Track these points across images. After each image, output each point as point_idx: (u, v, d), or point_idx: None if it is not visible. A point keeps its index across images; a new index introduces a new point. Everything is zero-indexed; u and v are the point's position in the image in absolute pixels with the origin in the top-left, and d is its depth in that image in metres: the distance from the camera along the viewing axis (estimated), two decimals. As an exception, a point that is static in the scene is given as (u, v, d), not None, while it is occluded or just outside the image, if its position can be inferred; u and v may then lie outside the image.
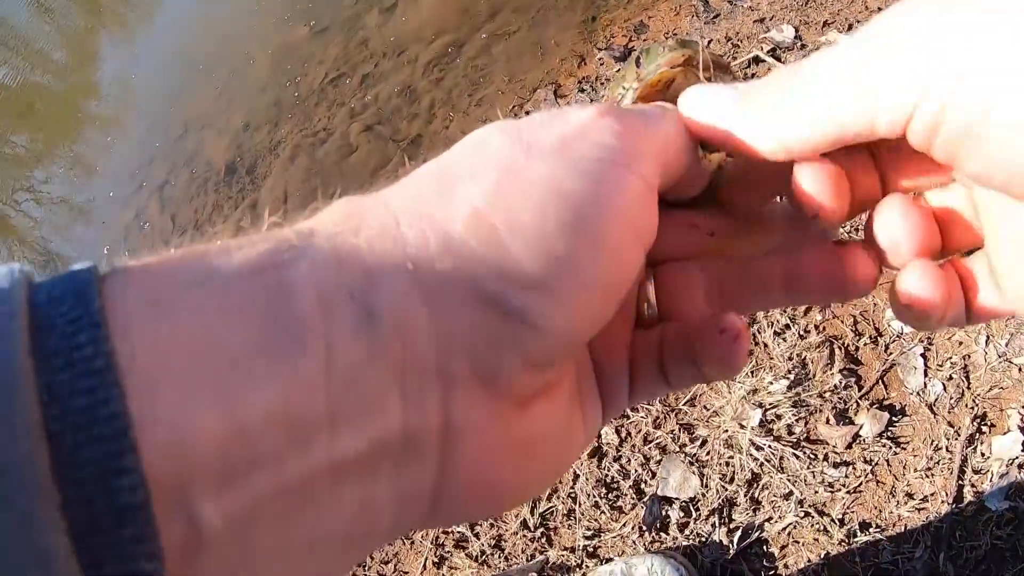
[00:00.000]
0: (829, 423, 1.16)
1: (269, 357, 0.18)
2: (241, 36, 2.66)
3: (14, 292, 0.18)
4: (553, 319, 0.21)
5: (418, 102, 2.09)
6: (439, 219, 0.21)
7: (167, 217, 2.29)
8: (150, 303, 0.18)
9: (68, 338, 0.17)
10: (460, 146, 0.24)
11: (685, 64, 0.31)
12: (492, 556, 1.24)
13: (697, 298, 0.28)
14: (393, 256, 0.21)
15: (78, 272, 0.19)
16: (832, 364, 1.21)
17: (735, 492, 1.16)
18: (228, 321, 0.19)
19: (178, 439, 0.17)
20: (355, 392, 0.20)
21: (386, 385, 0.20)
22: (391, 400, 0.20)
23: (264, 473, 0.18)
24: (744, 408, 1.21)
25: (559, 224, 0.21)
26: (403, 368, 0.20)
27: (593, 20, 1.92)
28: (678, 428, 1.24)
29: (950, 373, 1.14)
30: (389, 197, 0.23)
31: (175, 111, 2.62)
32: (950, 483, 1.06)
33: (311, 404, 0.19)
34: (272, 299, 0.19)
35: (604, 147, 0.22)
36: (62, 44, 3.50)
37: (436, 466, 0.22)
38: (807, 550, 1.08)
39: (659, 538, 1.17)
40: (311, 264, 0.20)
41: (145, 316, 0.18)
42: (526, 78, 1.95)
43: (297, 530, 0.20)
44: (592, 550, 1.20)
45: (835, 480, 1.12)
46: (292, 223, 0.23)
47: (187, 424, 0.17)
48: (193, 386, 0.18)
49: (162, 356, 0.18)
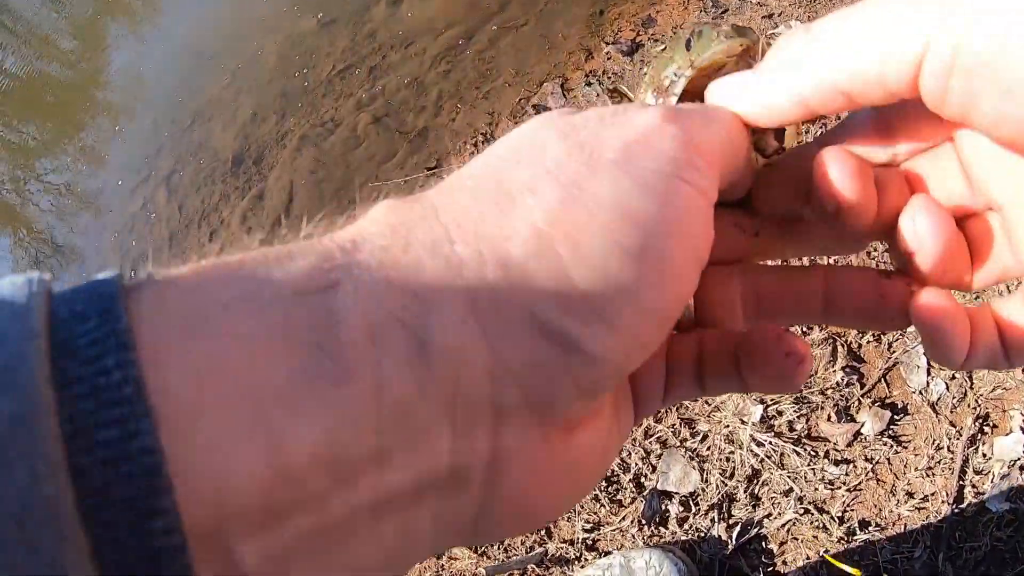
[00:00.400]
0: (830, 420, 1.16)
1: (315, 390, 0.17)
2: (250, 27, 2.66)
3: (33, 308, 0.16)
4: (612, 351, 0.20)
5: (425, 94, 2.09)
6: (497, 239, 0.20)
7: (174, 207, 2.30)
8: (183, 324, 0.17)
9: (92, 362, 0.15)
10: (511, 146, 0.22)
11: (743, 55, 0.29)
12: (491, 547, 1.24)
13: (736, 307, 0.28)
14: (447, 279, 0.19)
15: (102, 283, 0.17)
16: (835, 361, 1.20)
17: (735, 488, 1.15)
18: (270, 349, 0.17)
19: (217, 480, 0.15)
20: (405, 427, 0.18)
21: (436, 419, 0.19)
22: (441, 434, 0.19)
23: (307, 513, 0.17)
24: (745, 404, 1.20)
25: (624, 249, 0.20)
26: (455, 401, 0.19)
27: (601, 14, 1.91)
28: (679, 423, 1.24)
29: (953, 373, 1.14)
30: (438, 207, 0.21)
31: (183, 101, 2.62)
32: (951, 483, 1.06)
33: (359, 441, 0.17)
34: (317, 325, 0.18)
35: (669, 159, 0.21)
36: (71, 34, 3.51)
37: (480, 494, 0.21)
38: (806, 547, 1.08)
39: (658, 532, 1.17)
40: (358, 285, 0.18)
41: (178, 339, 0.16)
42: (533, 71, 1.95)
43: (335, 564, 0.18)
44: (591, 543, 1.20)
45: (835, 478, 1.11)
46: (330, 229, 0.21)
47: (227, 464, 0.16)
48: (233, 421, 0.16)
49: (198, 386, 0.16)
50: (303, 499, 0.17)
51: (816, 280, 0.27)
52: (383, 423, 0.18)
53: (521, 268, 0.19)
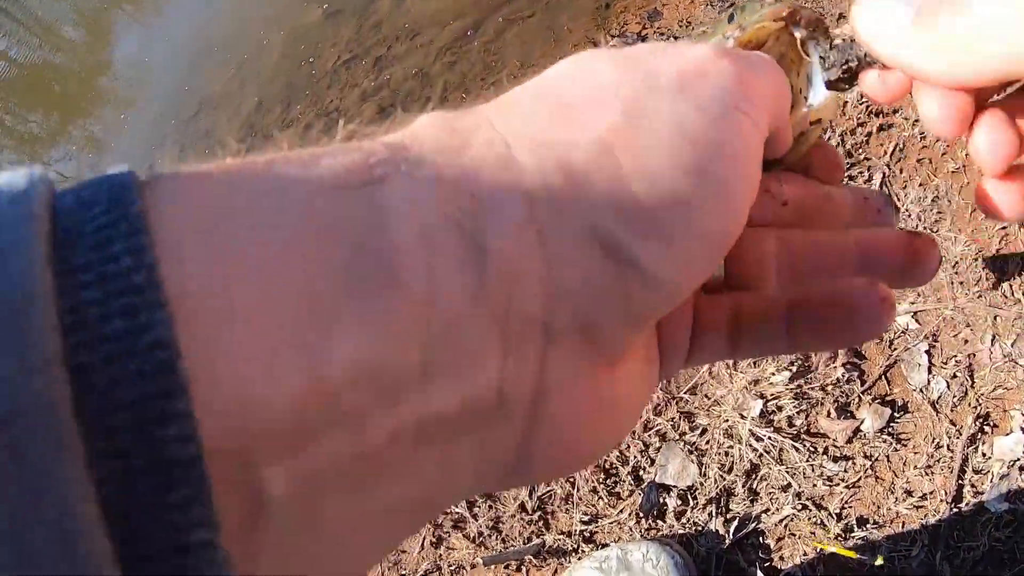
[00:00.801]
0: (830, 417, 1.15)
1: (357, 296, 0.15)
2: (255, 17, 2.65)
3: (32, 192, 0.14)
4: (666, 270, 0.19)
5: (431, 86, 2.08)
6: (559, 146, 0.19)
7: (178, 195, 2.29)
8: (207, 217, 0.15)
9: (100, 248, 0.13)
10: (563, 72, 0.22)
11: (788, 19, 0.29)
12: (489, 538, 1.24)
13: (770, 268, 0.27)
14: (507, 184, 0.18)
15: (113, 175, 0.15)
16: (835, 357, 1.20)
17: (733, 482, 1.15)
18: (308, 246, 0.15)
19: (244, 391, 0.14)
20: (454, 342, 0.17)
21: (487, 336, 0.17)
22: (491, 353, 0.17)
23: (342, 435, 0.15)
24: (745, 398, 1.20)
25: (685, 167, 0.19)
26: (507, 317, 0.18)
27: (607, 7, 1.90)
28: (678, 416, 1.23)
29: (954, 371, 1.13)
30: (493, 119, 0.20)
31: (189, 91, 2.61)
32: (950, 482, 1.05)
33: (404, 354, 0.16)
34: (362, 222, 0.16)
35: (725, 89, 0.21)
36: (77, 23, 3.51)
37: (523, 426, 0.19)
38: (803, 543, 1.08)
39: (656, 525, 1.17)
40: (410, 181, 0.17)
41: (201, 232, 0.14)
42: (539, 64, 1.94)
43: (370, 497, 0.17)
44: (589, 535, 1.19)
45: (834, 474, 1.11)
46: (372, 136, 0.19)
47: (256, 373, 0.14)
48: (264, 329, 0.14)
49: (224, 284, 0.14)
50: (340, 418, 0.15)
51: (850, 242, 0.27)
52: (432, 336, 0.16)
53: (583, 175, 0.18)
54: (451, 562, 1.26)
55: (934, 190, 1.29)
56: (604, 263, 0.18)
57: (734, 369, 1.23)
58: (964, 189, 1.28)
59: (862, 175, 1.35)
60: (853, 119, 1.42)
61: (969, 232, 1.24)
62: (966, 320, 1.16)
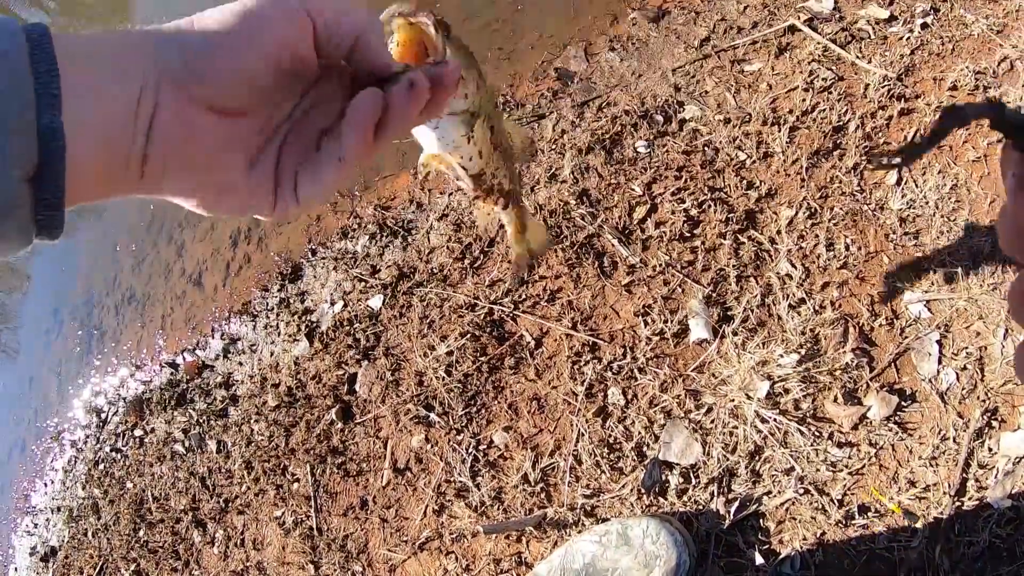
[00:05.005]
0: (837, 402, 1.10)
1: None
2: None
3: (12, 25, 0.31)
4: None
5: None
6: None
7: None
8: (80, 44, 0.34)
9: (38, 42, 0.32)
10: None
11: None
12: (491, 508, 1.20)
13: None
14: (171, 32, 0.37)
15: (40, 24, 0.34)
16: (845, 342, 1.13)
17: (736, 463, 1.10)
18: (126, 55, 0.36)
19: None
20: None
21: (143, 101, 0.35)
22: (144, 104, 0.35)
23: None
24: (752, 379, 1.14)
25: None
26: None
27: (630, -22, 1.80)
28: (684, 394, 1.18)
29: (965, 363, 1.07)
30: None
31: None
32: (954, 475, 1.00)
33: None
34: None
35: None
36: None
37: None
38: (803, 527, 1.03)
39: (657, 502, 1.12)
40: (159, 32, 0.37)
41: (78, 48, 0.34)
42: (557, 34, 1.84)
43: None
44: (590, 509, 1.15)
45: (838, 460, 1.06)
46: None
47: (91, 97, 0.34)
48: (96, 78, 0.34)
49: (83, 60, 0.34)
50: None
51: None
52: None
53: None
54: (452, 530, 1.22)
55: (953, 178, 1.21)
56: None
57: (742, 349, 1.17)
58: (984, 179, 1.20)
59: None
60: (874, 102, 1.33)
61: (986, 222, 1.17)
62: (979, 312, 1.10)
